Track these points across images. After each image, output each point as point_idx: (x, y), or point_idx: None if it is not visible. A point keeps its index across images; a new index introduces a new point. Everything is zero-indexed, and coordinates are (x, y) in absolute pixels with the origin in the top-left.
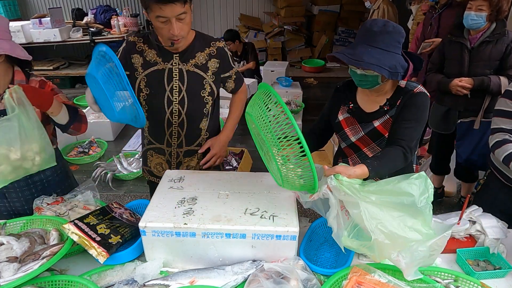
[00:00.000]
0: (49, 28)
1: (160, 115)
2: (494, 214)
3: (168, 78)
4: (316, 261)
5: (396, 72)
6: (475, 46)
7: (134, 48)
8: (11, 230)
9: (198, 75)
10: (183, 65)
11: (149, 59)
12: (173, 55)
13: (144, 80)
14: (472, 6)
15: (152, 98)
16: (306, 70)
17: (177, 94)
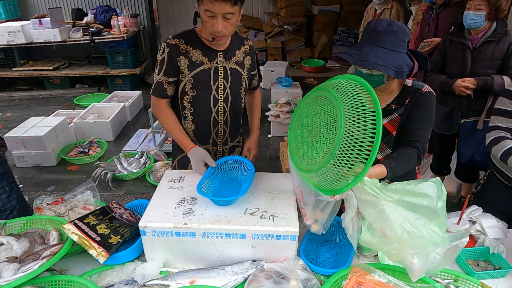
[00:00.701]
0: (49, 28)
1: (207, 115)
2: (494, 214)
3: (214, 77)
4: (316, 261)
5: (402, 72)
6: (477, 46)
7: (178, 50)
8: (11, 230)
9: (238, 72)
10: (226, 63)
11: (195, 59)
12: (217, 53)
13: (191, 81)
14: (471, 6)
15: (198, 99)
16: (306, 70)
17: (222, 92)
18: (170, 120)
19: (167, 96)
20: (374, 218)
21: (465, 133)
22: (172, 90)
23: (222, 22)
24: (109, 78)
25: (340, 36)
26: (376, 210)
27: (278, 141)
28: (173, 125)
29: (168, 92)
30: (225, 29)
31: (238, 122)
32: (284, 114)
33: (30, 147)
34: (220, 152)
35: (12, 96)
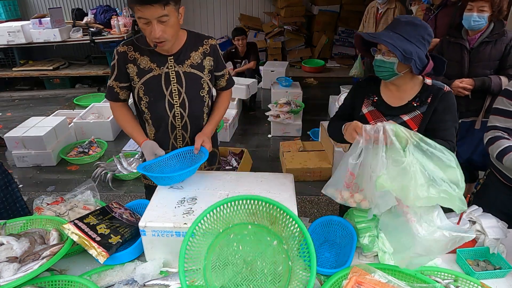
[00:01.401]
0: (49, 28)
1: (163, 121)
2: (494, 213)
3: (166, 83)
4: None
5: (410, 58)
6: (475, 46)
7: (126, 58)
8: (11, 230)
9: (195, 75)
10: (179, 67)
11: (143, 66)
12: (167, 58)
13: (142, 88)
14: (473, 8)
15: (153, 104)
16: (306, 70)
17: (177, 97)
18: (123, 117)
19: (120, 99)
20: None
21: (463, 133)
22: (125, 94)
23: (159, 26)
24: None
25: (340, 36)
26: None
27: (278, 141)
28: (126, 122)
29: (121, 96)
30: (165, 33)
31: (200, 126)
32: (284, 114)
33: (30, 147)
34: None
35: (12, 96)
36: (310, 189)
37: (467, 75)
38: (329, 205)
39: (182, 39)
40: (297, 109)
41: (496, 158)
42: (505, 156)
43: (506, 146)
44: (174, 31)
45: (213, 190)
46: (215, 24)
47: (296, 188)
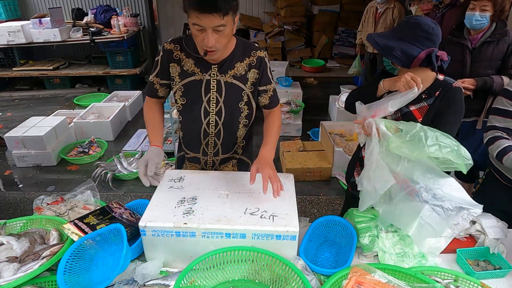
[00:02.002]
0: (49, 28)
1: (196, 126)
2: (493, 213)
3: (205, 90)
4: (316, 261)
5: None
6: (476, 46)
7: (171, 57)
8: (11, 230)
9: (237, 87)
10: (221, 77)
11: (187, 68)
12: (211, 66)
13: (181, 90)
14: (476, 7)
15: (188, 108)
16: (306, 70)
17: (214, 105)
18: (151, 115)
19: (158, 96)
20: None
21: (464, 133)
22: (164, 91)
23: (213, 35)
24: (109, 78)
25: (340, 36)
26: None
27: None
28: (151, 120)
29: (160, 93)
30: (218, 43)
31: (234, 135)
32: (284, 114)
33: (30, 147)
34: (211, 163)
35: (12, 96)
36: (310, 189)
37: (469, 75)
38: (329, 205)
39: (230, 48)
40: (297, 109)
41: (495, 158)
42: (504, 156)
43: (506, 146)
44: (227, 41)
45: (213, 190)
46: None
47: (296, 188)
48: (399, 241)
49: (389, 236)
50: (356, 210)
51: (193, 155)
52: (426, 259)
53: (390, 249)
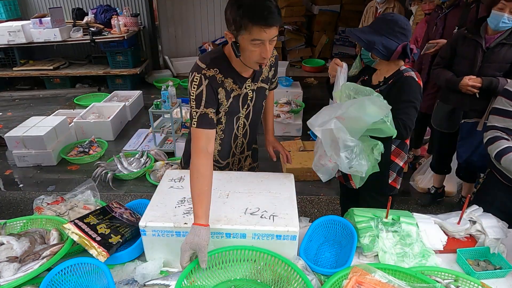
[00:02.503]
0: (50, 28)
1: (230, 133)
2: (494, 213)
3: (243, 102)
4: (317, 261)
5: (372, 47)
6: (491, 46)
7: (215, 82)
8: (11, 230)
9: (263, 89)
10: (254, 85)
11: (229, 88)
12: (246, 79)
13: (227, 110)
14: (506, 8)
15: (227, 124)
16: (306, 70)
17: (244, 110)
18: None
19: (215, 126)
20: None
21: (464, 133)
22: (215, 117)
23: (270, 46)
24: (109, 78)
25: (340, 36)
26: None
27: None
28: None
29: (214, 120)
30: (270, 53)
31: (256, 131)
32: (284, 114)
33: (31, 147)
34: (236, 161)
35: (12, 96)
36: (311, 188)
37: (477, 74)
38: (329, 205)
39: None
40: (298, 109)
41: (494, 158)
42: (503, 156)
43: (505, 146)
44: (271, 50)
45: (213, 190)
46: (215, 24)
47: (296, 187)
48: (399, 241)
49: (389, 236)
50: (356, 210)
51: (223, 162)
52: (426, 259)
53: (391, 249)
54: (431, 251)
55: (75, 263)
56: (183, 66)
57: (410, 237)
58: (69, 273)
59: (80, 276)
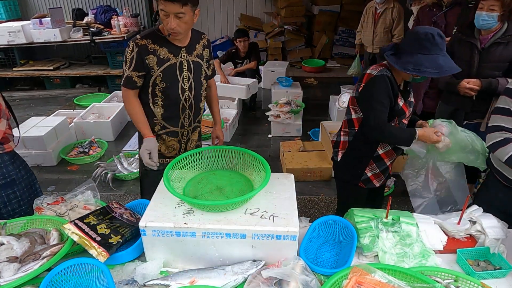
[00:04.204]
0: (50, 28)
1: (176, 102)
2: (493, 213)
3: (179, 70)
4: (317, 261)
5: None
6: (486, 47)
7: (146, 50)
8: (11, 230)
9: (199, 64)
10: (189, 57)
11: (163, 56)
12: (181, 49)
13: (160, 76)
14: (484, 6)
15: (168, 90)
16: (306, 70)
17: (187, 82)
18: (136, 109)
19: (137, 87)
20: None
21: None
22: (141, 81)
23: (175, 20)
24: (109, 78)
25: (340, 36)
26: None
27: (278, 141)
28: (137, 114)
29: (138, 83)
30: (179, 27)
31: (199, 105)
32: (284, 114)
33: (31, 147)
34: (185, 133)
35: (12, 96)
36: (311, 189)
37: (475, 75)
38: (329, 205)
39: (190, 34)
40: (298, 109)
41: (505, 162)
42: None
43: None
44: (187, 27)
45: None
46: (215, 24)
47: (297, 188)
48: (399, 241)
49: (389, 236)
50: (356, 210)
51: (172, 129)
52: (426, 259)
53: (390, 249)
54: (431, 251)
55: (75, 263)
56: None
57: (410, 237)
58: (69, 273)
59: (80, 276)
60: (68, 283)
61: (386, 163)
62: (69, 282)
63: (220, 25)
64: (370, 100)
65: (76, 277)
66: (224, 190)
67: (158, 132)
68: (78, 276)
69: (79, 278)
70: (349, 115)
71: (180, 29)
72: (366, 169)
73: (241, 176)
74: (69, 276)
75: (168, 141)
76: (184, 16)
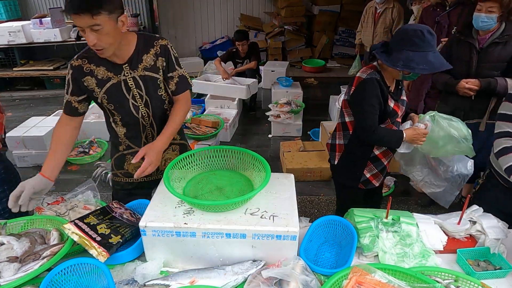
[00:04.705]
0: (50, 28)
1: (134, 121)
2: (493, 213)
3: (126, 89)
4: (317, 261)
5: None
6: (484, 47)
7: (82, 72)
8: (12, 230)
9: (151, 77)
10: (134, 73)
11: (101, 76)
12: (122, 66)
13: (105, 97)
14: (482, 8)
15: (120, 109)
16: (306, 70)
17: (140, 100)
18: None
19: (79, 113)
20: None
21: None
22: (84, 107)
23: (92, 34)
24: None
25: (340, 36)
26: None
27: (278, 141)
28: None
29: (80, 109)
30: (100, 41)
31: (164, 122)
32: (285, 114)
33: (31, 147)
34: None
35: (12, 96)
36: (311, 189)
37: (474, 75)
38: (329, 205)
39: (132, 43)
40: (298, 109)
41: (505, 171)
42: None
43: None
44: (112, 39)
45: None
46: (215, 24)
47: (297, 188)
48: (400, 241)
49: (390, 236)
50: (356, 210)
51: (137, 149)
52: (426, 259)
53: (391, 249)
54: (431, 251)
55: (75, 263)
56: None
57: (410, 237)
58: (69, 273)
59: (80, 276)
60: (68, 283)
61: (384, 162)
62: (69, 282)
63: (220, 25)
64: (361, 104)
65: (76, 277)
66: (224, 190)
67: (123, 151)
68: (78, 276)
69: (79, 278)
70: (342, 118)
71: (103, 44)
72: (364, 170)
73: (241, 176)
74: (69, 276)
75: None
76: (102, 28)
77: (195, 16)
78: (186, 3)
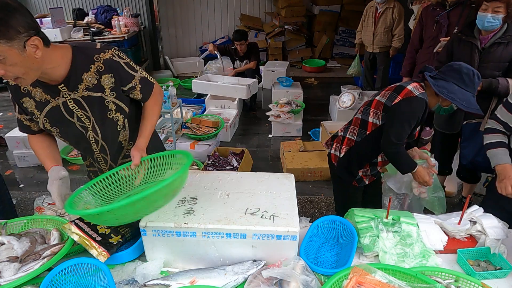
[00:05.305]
0: (50, 28)
1: (83, 145)
2: (499, 212)
3: (67, 112)
4: (317, 261)
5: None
6: (486, 46)
7: (19, 92)
8: (12, 230)
9: (96, 98)
10: (74, 94)
11: (39, 98)
12: (58, 87)
13: (46, 121)
14: (488, 8)
15: (66, 133)
16: (306, 70)
17: (87, 121)
18: (37, 149)
19: (34, 131)
20: None
21: (467, 135)
22: (36, 125)
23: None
24: None
25: (340, 36)
26: None
27: (278, 141)
28: (39, 152)
29: (33, 128)
30: (9, 72)
31: (116, 143)
32: (285, 114)
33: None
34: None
35: None
36: (311, 189)
37: None
38: (329, 205)
39: (66, 61)
40: (298, 109)
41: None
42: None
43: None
44: (22, 69)
45: (213, 190)
46: (215, 24)
47: (297, 188)
48: (400, 241)
49: (390, 236)
50: (356, 210)
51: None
52: (427, 260)
53: (391, 249)
54: (431, 252)
55: (76, 263)
56: (183, 67)
57: (411, 238)
58: (69, 273)
59: (80, 276)
60: (68, 283)
61: (377, 168)
62: (70, 282)
63: (220, 25)
64: (402, 117)
65: (76, 277)
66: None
67: (87, 168)
68: (78, 276)
69: (79, 278)
70: (366, 116)
71: (12, 74)
72: (360, 170)
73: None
74: (69, 276)
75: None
76: (5, 58)
77: (195, 16)
78: (186, 3)
